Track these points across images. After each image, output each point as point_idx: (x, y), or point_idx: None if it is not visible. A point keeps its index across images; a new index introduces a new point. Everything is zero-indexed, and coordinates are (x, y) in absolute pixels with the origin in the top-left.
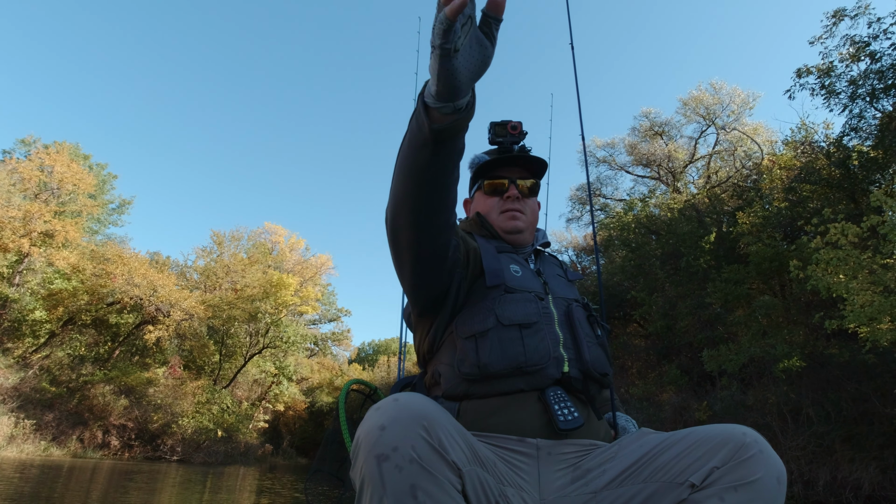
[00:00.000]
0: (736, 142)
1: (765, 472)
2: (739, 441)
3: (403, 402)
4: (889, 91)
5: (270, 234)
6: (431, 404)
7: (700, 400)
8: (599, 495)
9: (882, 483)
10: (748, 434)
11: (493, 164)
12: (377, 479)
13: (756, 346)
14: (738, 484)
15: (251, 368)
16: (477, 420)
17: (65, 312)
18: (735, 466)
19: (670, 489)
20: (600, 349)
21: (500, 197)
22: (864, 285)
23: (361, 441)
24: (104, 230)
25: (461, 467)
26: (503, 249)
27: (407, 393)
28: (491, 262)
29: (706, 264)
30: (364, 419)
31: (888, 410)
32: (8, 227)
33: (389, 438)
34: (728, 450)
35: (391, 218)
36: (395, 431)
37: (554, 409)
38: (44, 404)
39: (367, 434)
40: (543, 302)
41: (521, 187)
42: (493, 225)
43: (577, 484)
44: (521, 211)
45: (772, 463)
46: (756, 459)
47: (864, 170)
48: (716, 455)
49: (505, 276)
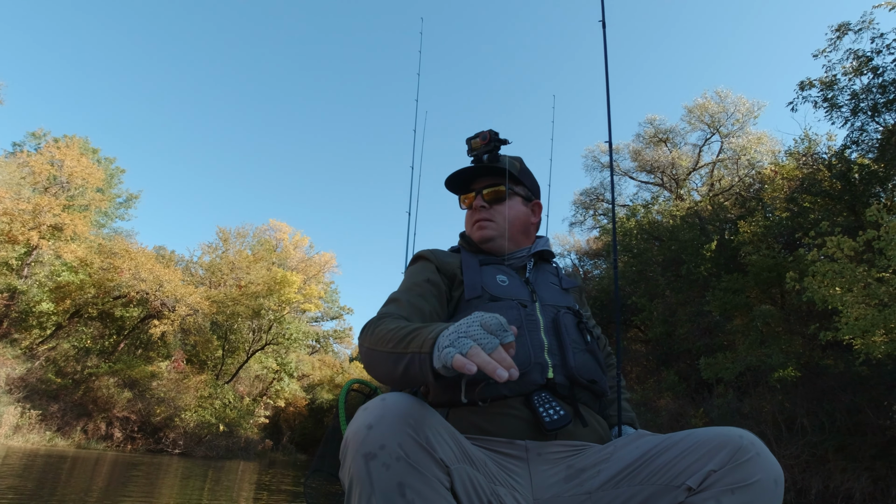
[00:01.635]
0: (740, 150)
1: (762, 474)
2: (737, 444)
3: (391, 401)
4: (891, 105)
5: (275, 231)
6: (419, 404)
7: (697, 407)
8: (595, 496)
9: (873, 493)
10: (745, 437)
11: (457, 180)
12: (365, 477)
13: (752, 356)
14: (736, 487)
15: (253, 364)
16: (464, 426)
17: (72, 305)
18: (732, 469)
19: (667, 492)
20: (589, 355)
21: (469, 207)
22: (859, 298)
23: (350, 441)
24: (111, 224)
25: (449, 465)
26: (489, 261)
27: (395, 393)
28: (470, 276)
29: (707, 272)
30: (353, 419)
31: (881, 422)
32: (18, 219)
33: (376, 437)
34: (725, 453)
35: (369, 371)
36: (382, 430)
37: (539, 411)
38: (49, 395)
39: (354, 433)
40: (528, 309)
41: (485, 196)
42: (471, 237)
43: (571, 484)
44: (489, 219)
45: (769, 465)
46: (753, 462)
47: (865, 183)
48: (713, 458)
49: (487, 286)
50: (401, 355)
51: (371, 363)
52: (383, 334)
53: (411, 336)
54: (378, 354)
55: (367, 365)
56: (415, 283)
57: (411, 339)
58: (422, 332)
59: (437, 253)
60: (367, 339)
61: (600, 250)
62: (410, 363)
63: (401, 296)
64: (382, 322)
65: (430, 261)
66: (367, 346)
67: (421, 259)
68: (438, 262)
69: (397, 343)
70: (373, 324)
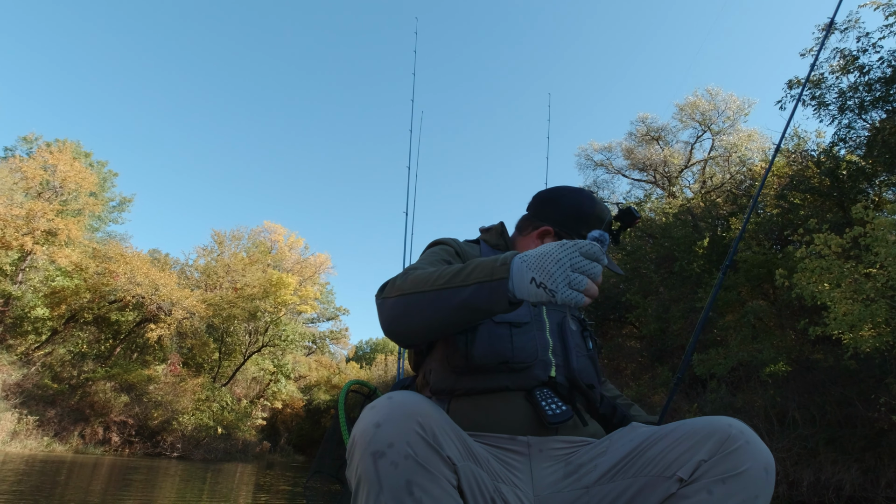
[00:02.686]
0: (731, 148)
1: (752, 462)
2: (725, 433)
3: (398, 399)
4: (877, 103)
5: (270, 233)
6: (426, 401)
7: (691, 402)
8: (591, 490)
9: (863, 484)
10: (734, 425)
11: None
12: (373, 476)
13: (744, 351)
14: (726, 476)
15: (250, 366)
16: (466, 420)
17: (67, 310)
18: (721, 459)
19: (659, 483)
20: (588, 361)
21: None
22: (847, 294)
23: (357, 439)
24: (104, 227)
25: (456, 462)
26: None
27: (401, 391)
28: None
29: (699, 269)
30: (359, 418)
31: (870, 414)
32: (11, 224)
33: (385, 435)
34: (714, 442)
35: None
36: (390, 428)
37: (542, 405)
38: (46, 400)
39: (362, 432)
40: (537, 308)
41: None
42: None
43: (570, 479)
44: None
45: (758, 453)
46: (742, 450)
47: (853, 179)
48: (702, 448)
49: None
50: (458, 289)
51: (407, 310)
52: (423, 277)
53: (468, 270)
54: (419, 297)
55: (397, 314)
56: (434, 260)
57: (470, 272)
58: (482, 263)
59: (457, 241)
60: (397, 288)
61: None
62: (475, 295)
63: (419, 264)
64: (412, 272)
65: (450, 245)
66: (399, 294)
67: (440, 243)
68: (459, 247)
69: (451, 278)
70: (401, 276)
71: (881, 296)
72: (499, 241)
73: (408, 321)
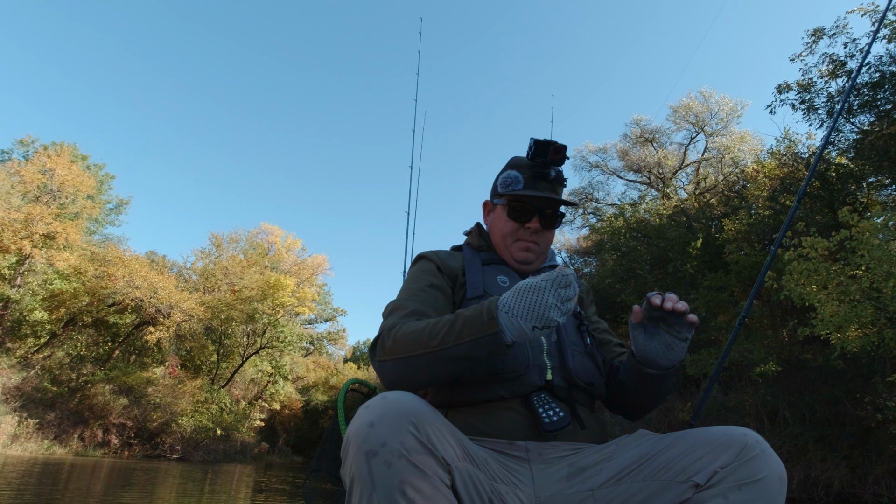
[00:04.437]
0: (724, 149)
1: (768, 471)
2: (742, 442)
3: (392, 399)
4: (865, 107)
5: (267, 235)
6: (420, 402)
7: (684, 401)
8: (597, 493)
9: (851, 481)
10: (750, 435)
11: (525, 186)
12: (366, 475)
13: (735, 351)
14: (743, 483)
15: (248, 368)
16: (465, 426)
17: (66, 313)
18: (739, 466)
19: (672, 487)
20: (588, 358)
21: (521, 224)
22: (834, 295)
23: (351, 438)
24: (101, 230)
25: (450, 463)
26: (491, 260)
27: (396, 391)
28: (473, 276)
29: (693, 269)
30: (354, 417)
31: (858, 413)
32: (9, 228)
33: (378, 435)
34: (732, 451)
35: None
36: (383, 428)
37: (539, 412)
38: (45, 403)
39: (356, 431)
40: None
41: (545, 220)
42: (505, 248)
43: (574, 481)
44: (537, 243)
45: (774, 463)
46: (759, 459)
47: (842, 181)
48: (720, 456)
49: (488, 287)
50: (454, 347)
51: (408, 373)
52: (414, 338)
53: (457, 328)
54: (415, 360)
55: (399, 377)
56: (418, 288)
57: (459, 330)
58: (469, 319)
59: (439, 254)
60: (389, 350)
61: (590, 248)
62: (472, 351)
63: (402, 303)
64: (398, 329)
65: (431, 261)
66: (395, 358)
67: (423, 259)
68: (441, 262)
69: (443, 338)
70: (387, 335)
71: (866, 297)
72: (480, 242)
73: (409, 382)
